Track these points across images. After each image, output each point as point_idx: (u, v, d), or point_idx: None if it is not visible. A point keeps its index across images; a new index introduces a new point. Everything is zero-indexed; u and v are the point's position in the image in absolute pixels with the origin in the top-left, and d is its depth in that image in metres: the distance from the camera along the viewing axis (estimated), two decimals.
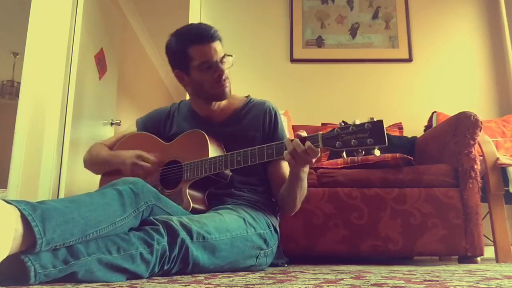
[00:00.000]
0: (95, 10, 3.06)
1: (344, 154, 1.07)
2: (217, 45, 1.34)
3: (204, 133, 1.35)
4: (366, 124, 1.04)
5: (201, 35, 1.33)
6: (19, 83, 4.03)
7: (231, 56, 1.38)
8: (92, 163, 1.55)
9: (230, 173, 1.32)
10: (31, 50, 2.67)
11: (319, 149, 1.12)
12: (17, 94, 4.01)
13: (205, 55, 1.33)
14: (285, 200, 1.37)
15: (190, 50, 1.33)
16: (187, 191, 1.30)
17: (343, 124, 1.09)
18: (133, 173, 1.38)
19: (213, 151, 1.33)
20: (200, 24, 1.39)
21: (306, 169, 1.25)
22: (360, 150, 1.05)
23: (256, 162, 1.22)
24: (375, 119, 1.04)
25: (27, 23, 2.70)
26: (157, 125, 1.55)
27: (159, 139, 1.48)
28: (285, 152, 1.16)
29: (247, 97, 1.54)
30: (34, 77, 2.64)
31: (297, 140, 1.14)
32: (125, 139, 1.56)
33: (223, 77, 1.36)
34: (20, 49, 3.49)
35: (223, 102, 1.47)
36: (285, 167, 1.41)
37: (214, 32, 1.34)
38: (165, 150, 1.43)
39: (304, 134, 1.15)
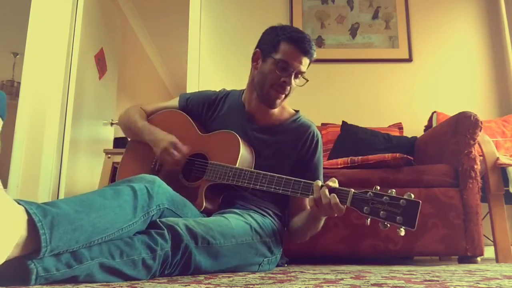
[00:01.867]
0: (95, 10, 3.06)
1: (368, 220, 1.03)
2: (305, 60, 1.33)
3: (240, 139, 1.33)
4: (401, 200, 0.99)
5: (302, 43, 1.31)
6: (19, 83, 4.03)
7: (307, 80, 1.37)
8: (127, 127, 1.54)
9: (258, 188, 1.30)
10: (31, 50, 2.67)
11: (344, 206, 1.08)
12: (17, 94, 4.00)
13: (290, 57, 1.31)
14: (296, 229, 1.36)
15: (283, 44, 1.32)
16: (204, 190, 1.29)
17: (378, 189, 1.04)
18: (161, 157, 1.38)
19: (242, 160, 1.31)
20: (309, 37, 1.35)
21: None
22: (386, 224, 1.00)
23: (279, 192, 1.19)
24: (413, 197, 0.99)
25: (27, 23, 2.70)
26: (200, 108, 1.52)
27: (195, 127, 1.46)
28: (311, 196, 1.12)
29: (296, 111, 1.50)
30: (34, 77, 2.64)
31: (326, 190, 1.09)
32: (163, 113, 1.54)
33: (287, 87, 1.35)
34: (20, 49, 3.49)
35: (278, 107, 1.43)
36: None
37: (312, 50, 1.33)
38: (196, 140, 1.42)
39: (335, 185, 1.10)
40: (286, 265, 1.48)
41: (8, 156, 2.56)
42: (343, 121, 2.47)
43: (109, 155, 2.76)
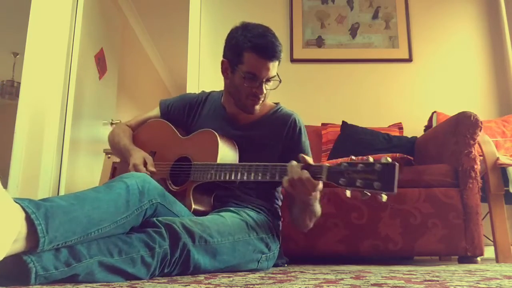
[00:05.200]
0: (95, 10, 3.06)
1: (348, 192, 0.99)
2: (273, 65, 1.30)
3: (217, 135, 1.33)
4: (376, 165, 0.94)
5: (265, 49, 1.27)
6: (19, 83, 4.03)
7: (279, 81, 1.34)
8: (113, 147, 1.58)
9: (238, 180, 1.30)
10: (31, 50, 2.67)
11: (320, 182, 1.06)
12: (17, 94, 4.00)
13: (256, 68, 1.29)
14: (296, 218, 1.36)
15: (246, 54, 1.28)
16: (191, 192, 1.29)
17: (353, 158, 1.00)
18: None
19: (223, 155, 1.31)
20: (272, 35, 1.31)
21: (313, 196, 1.16)
22: (365, 192, 0.95)
23: (259, 179, 1.18)
24: (390, 160, 0.93)
25: (27, 23, 2.70)
26: (181, 112, 1.53)
27: (176, 132, 1.47)
28: (285, 178, 1.10)
29: (276, 104, 1.50)
30: (34, 77, 2.64)
31: (297, 166, 1.08)
32: (145, 127, 1.57)
33: (260, 96, 1.34)
34: (20, 49, 3.48)
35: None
36: None
37: (278, 52, 1.29)
38: (179, 145, 1.43)
39: (309, 160, 1.08)
40: (286, 265, 1.48)
41: (8, 156, 2.56)
42: (343, 121, 2.47)
43: (109, 155, 2.76)
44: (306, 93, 2.93)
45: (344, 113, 2.72)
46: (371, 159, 0.98)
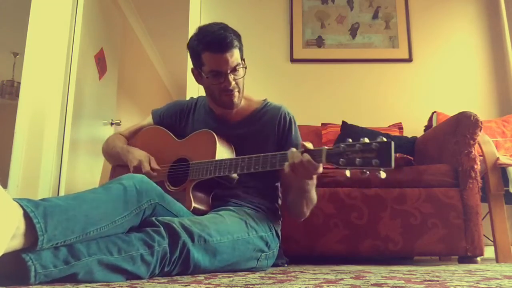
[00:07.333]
0: (95, 10, 3.06)
1: (348, 172, 1.02)
2: (230, 55, 1.30)
3: (214, 134, 1.35)
4: (373, 144, 0.98)
5: (215, 44, 1.29)
6: (19, 83, 4.03)
7: (244, 67, 1.36)
8: (108, 154, 1.59)
9: (237, 177, 1.32)
10: (31, 50, 2.67)
11: (320, 164, 1.08)
12: (17, 94, 4.01)
13: (215, 65, 1.31)
14: (292, 206, 1.37)
15: (203, 55, 1.32)
16: (191, 190, 1.30)
17: (350, 141, 1.03)
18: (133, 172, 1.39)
19: (221, 153, 1.33)
20: (219, 29, 1.31)
21: (311, 181, 1.21)
22: (364, 170, 0.99)
23: (259, 170, 1.20)
24: (385, 139, 0.97)
25: (27, 23, 2.70)
26: (173, 119, 1.56)
27: (172, 136, 1.49)
28: (286, 163, 1.12)
29: (264, 100, 1.51)
30: (34, 77, 2.64)
31: (297, 151, 1.10)
32: (140, 134, 1.59)
33: (230, 87, 1.34)
34: (20, 49, 3.49)
35: (240, 104, 1.44)
36: None
37: (230, 41, 1.29)
38: (176, 147, 1.45)
39: (309, 145, 1.10)
40: (286, 265, 1.48)
41: (8, 156, 2.56)
42: (343, 121, 2.47)
43: None
44: (306, 93, 2.93)
45: (344, 113, 2.72)
46: (366, 139, 1.00)
